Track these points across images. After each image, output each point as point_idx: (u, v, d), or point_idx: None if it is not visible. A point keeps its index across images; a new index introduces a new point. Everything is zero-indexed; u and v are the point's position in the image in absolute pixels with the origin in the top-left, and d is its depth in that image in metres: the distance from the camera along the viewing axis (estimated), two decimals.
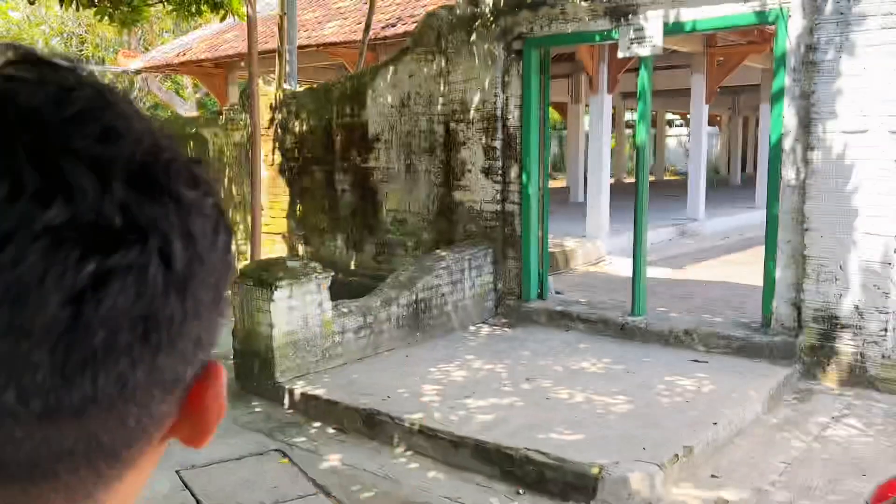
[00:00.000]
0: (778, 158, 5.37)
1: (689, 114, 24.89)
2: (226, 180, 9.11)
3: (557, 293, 7.15)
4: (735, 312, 6.54)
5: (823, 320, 5.19)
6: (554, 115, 23.72)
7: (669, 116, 30.23)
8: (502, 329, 6.53)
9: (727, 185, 21.63)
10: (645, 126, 6.00)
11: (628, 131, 28.88)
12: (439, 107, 7.12)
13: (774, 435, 4.45)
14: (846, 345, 5.12)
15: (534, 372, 5.22)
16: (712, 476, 3.92)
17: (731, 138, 23.93)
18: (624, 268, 8.94)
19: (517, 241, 6.74)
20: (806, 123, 5.19)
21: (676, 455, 3.84)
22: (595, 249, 9.47)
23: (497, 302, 6.88)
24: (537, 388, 4.88)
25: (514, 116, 6.62)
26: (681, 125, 34.31)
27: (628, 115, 27.44)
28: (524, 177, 6.60)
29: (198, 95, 21.89)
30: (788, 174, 5.31)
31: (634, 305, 6.15)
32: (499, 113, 6.68)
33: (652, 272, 7.38)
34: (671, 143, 33.36)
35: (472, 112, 6.81)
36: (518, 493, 3.78)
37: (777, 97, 5.36)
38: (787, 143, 5.29)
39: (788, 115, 5.27)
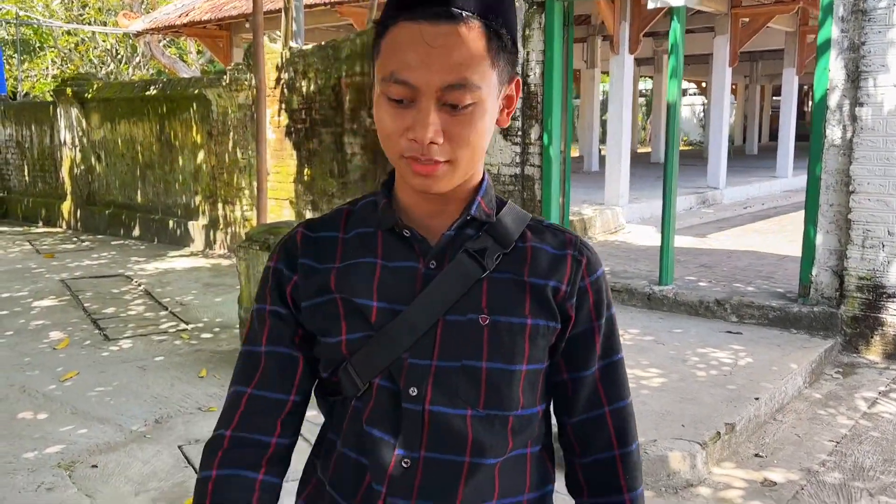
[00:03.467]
0: (822, 116, 4.99)
1: (703, 81, 24.31)
2: (230, 143, 8.77)
3: None
4: (765, 282, 6.21)
5: (868, 289, 4.86)
6: None
7: (683, 85, 29.61)
8: None
9: (743, 154, 21.15)
10: (677, 83, 5.61)
11: (641, 100, 28.31)
12: None
13: (819, 411, 4.15)
14: (893, 315, 4.79)
15: None
16: (756, 455, 3.62)
17: (748, 107, 23.37)
18: (643, 236, 8.60)
19: (537, 207, 6.40)
20: (854, 78, 4.80)
21: (718, 433, 3.54)
22: (614, 218, 9.12)
23: None
24: None
25: (535, 73, 6.24)
26: (695, 94, 33.66)
27: (641, 85, 26.82)
28: (545, 138, 6.23)
29: (201, 62, 21.44)
30: (833, 133, 4.94)
31: (662, 274, 5.82)
32: (519, 69, 6.29)
33: (675, 241, 7.04)
34: (685, 112, 32.72)
35: None
36: None
37: (823, 50, 4.96)
38: (833, 100, 4.91)
39: (835, 68, 4.88)
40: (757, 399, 3.93)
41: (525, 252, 1.00)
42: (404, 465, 0.95)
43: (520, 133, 6.38)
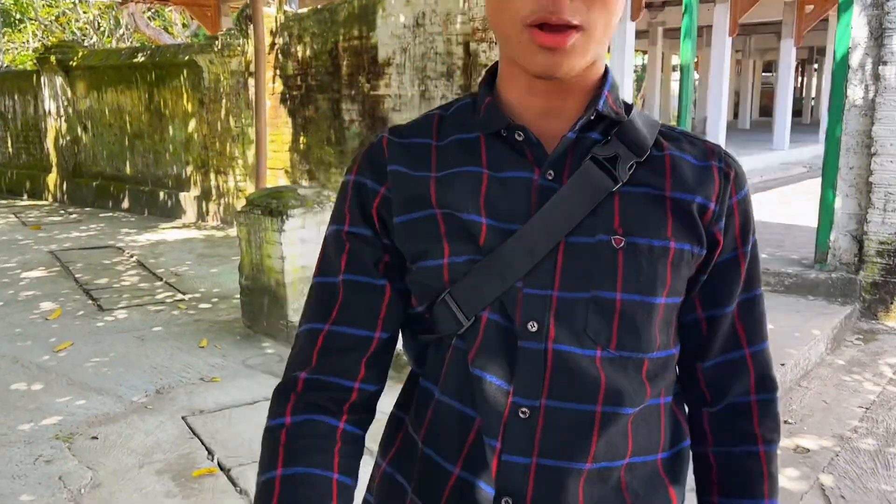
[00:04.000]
0: (843, 75, 4.83)
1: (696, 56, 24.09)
2: (222, 111, 8.50)
3: None
4: (777, 249, 6.09)
5: (889, 254, 4.74)
6: None
7: (674, 60, 29.44)
8: None
9: (735, 129, 21.05)
10: (691, 43, 5.43)
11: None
12: (458, 25, 6.51)
13: (843, 377, 4.03)
14: None
15: None
16: (785, 422, 3.50)
17: (741, 82, 23.24)
18: None
19: None
20: (878, 35, 4.64)
21: None
22: None
23: None
24: None
25: None
26: None
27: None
28: None
29: (187, 35, 21.00)
30: (855, 93, 4.78)
31: None
32: None
33: None
34: (675, 87, 32.55)
35: None
36: None
37: (845, 6, 4.79)
38: (855, 59, 4.75)
39: (858, 25, 4.72)
40: (783, 365, 3.80)
41: (663, 161, 0.82)
42: (522, 416, 0.78)
43: None
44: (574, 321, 0.78)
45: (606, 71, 0.83)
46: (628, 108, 0.84)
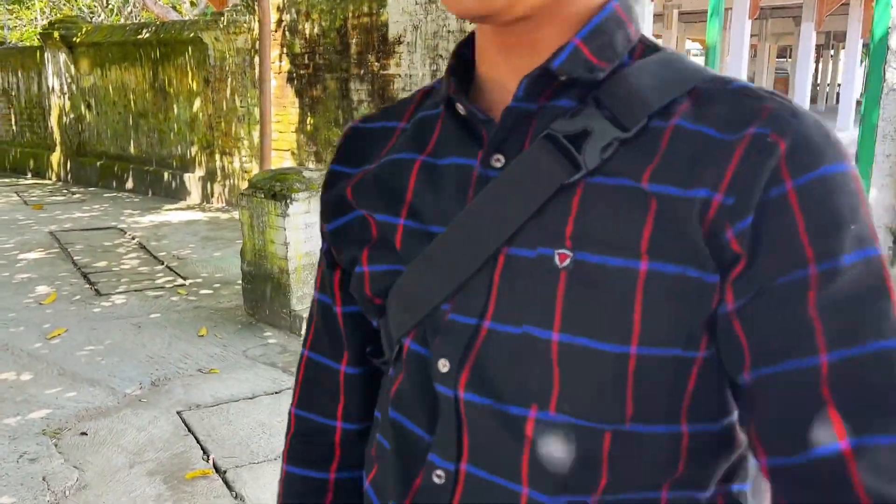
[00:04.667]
0: (881, 57, 4.55)
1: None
2: (228, 90, 8.26)
3: None
4: None
5: None
6: None
7: (687, 45, 29.00)
8: None
9: None
10: (717, 22, 5.16)
11: None
12: None
13: None
14: None
15: None
16: None
17: (756, 67, 22.82)
18: None
19: None
20: None
21: None
22: None
23: None
24: None
25: None
26: (697, 54, 33.02)
27: None
28: None
29: (195, 13, 20.74)
30: (894, 76, 4.51)
31: None
32: None
33: None
34: None
35: None
36: None
37: None
38: (895, 39, 4.47)
39: None
40: None
41: (660, 137, 0.53)
42: (437, 480, 0.60)
43: None
44: (496, 365, 0.56)
45: (608, 5, 0.57)
46: (648, 52, 0.57)
